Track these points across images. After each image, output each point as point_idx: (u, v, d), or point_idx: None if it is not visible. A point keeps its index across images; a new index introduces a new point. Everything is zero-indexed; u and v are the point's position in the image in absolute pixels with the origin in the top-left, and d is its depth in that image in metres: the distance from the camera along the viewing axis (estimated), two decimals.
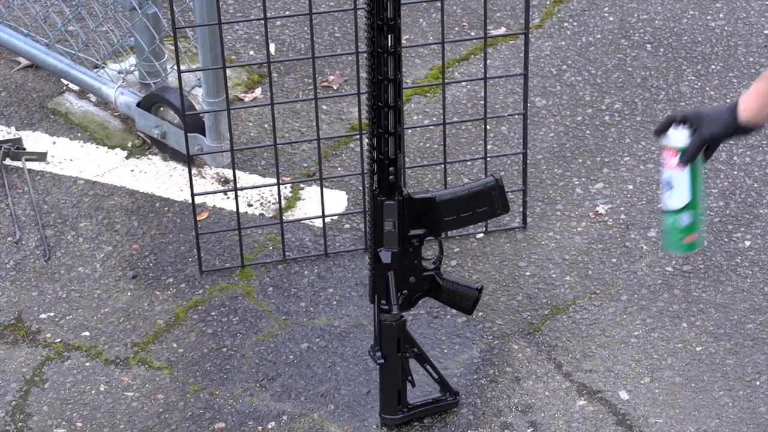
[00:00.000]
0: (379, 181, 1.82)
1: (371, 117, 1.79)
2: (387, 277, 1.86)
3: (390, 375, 1.96)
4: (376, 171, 1.82)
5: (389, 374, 1.96)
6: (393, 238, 1.84)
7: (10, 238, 2.42)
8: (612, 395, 2.08)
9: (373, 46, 1.73)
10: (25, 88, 2.82)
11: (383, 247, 1.85)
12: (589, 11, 3.09)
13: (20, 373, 2.13)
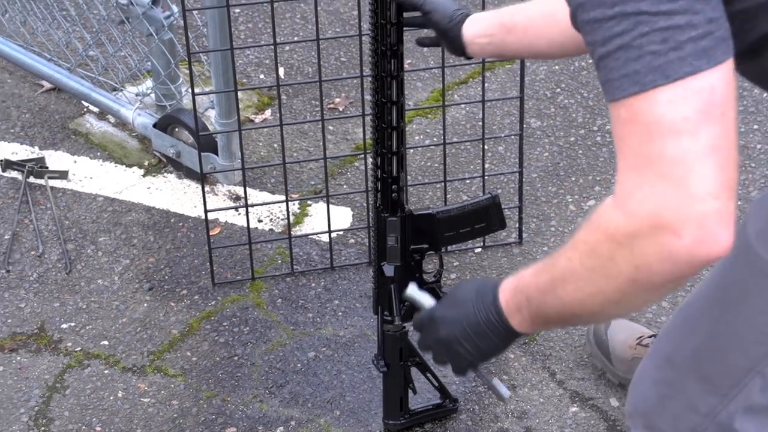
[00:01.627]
0: (383, 199, 1.83)
1: (375, 137, 1.80)
2: (390, 290, 1.85)
3: (392, 383, 1.96)
4: (380, 189, 1.82)
5: (392, 382, 1.96)
6: (395, 253, 1.84)
7: (33, 252, 2.43)
8: (603, 402, 2.09)
9: (377, 71, 1.74)
10: (48, 110, 2.84)
11: (386, 261, 1.85)
12: None
13: (43, 380, 2.14)
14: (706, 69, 0.98)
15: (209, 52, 2.44)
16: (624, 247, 1.02)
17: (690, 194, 0.97)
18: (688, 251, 0.98)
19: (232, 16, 2.80)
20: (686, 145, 0.97)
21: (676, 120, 0.98)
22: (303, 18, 3.17)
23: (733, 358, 1.33)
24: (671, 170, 0.98)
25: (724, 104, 0.99)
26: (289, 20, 3.15)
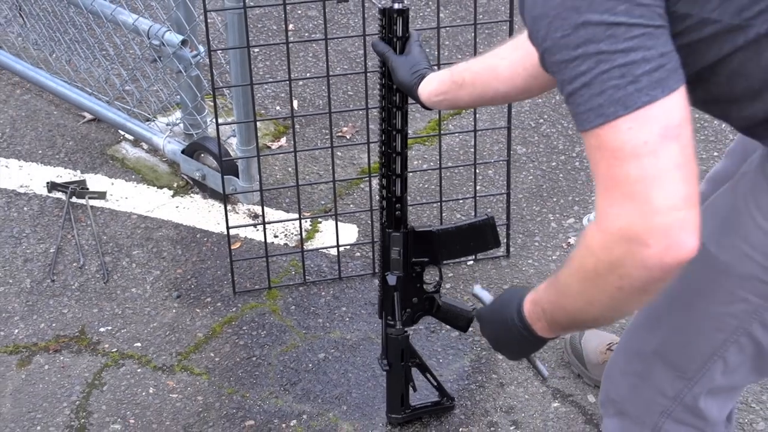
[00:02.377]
0: (388, 216, 1.83)
1: (382, 161, 1.80)
2: (393, 297, 1.86)
3: (395, 381, 1.96)
4: (385, 207, 1.83)
5: (394, 380, 1.96)
6: (398, 264, 1.85)
7: (75, 264, 2.44)
8: (581, 398, 2.08)
9: (384, 102, 1.75)
10: (89, 138, 2.85)
11: (390, 271, 1.85)
12: None
13: (83, 378, 2.14)
14: (661, 97, 1.02)
15: (231, 87, 2.45)
16: (605, 261, 1.06)
17: (654, 209, 1.01)
18: (659, 258, 1.02)
19: (252, 56, 2.81)
20: (648, 165, 1.01)
21: (638, 144, 1.01)
22: (314, 56, 3.18)
23: (696, 345, 1.34)
24: (636, 189, 1.01)
25: (679, 126, 1.03)
26: (302, 59, 3.17)
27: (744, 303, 1.26)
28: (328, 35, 2.23)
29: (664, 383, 1.41)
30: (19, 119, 2.91)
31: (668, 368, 1.39)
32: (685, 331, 1.35)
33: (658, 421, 1.45)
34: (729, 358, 1.33)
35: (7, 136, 2.85)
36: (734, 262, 1.24)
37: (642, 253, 1.02)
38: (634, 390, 1.46)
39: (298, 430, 2.03)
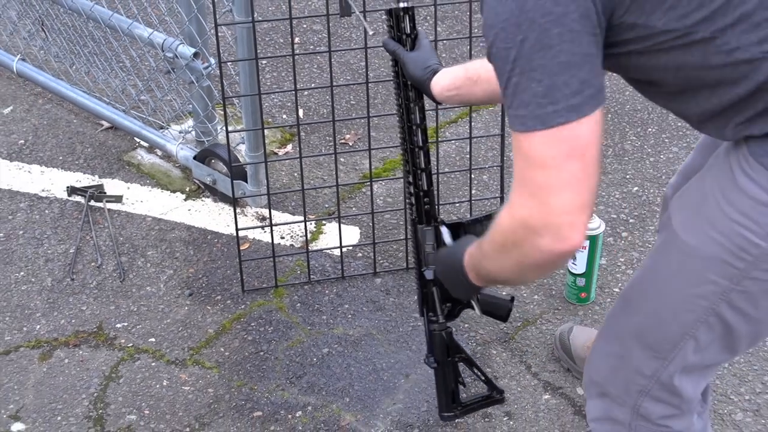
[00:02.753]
0: (417, 211, 1.75)
1: (405, 158, 1.73)
2: (432, 292, 1.73)
3: (443, 378, 1.82)
4: (414, 203, 1.75)
5: (442, 377, 1.82)
6: (433, 258, 1.72)
7: (93, 264, 2.44)
8: (571, 391, 2.08)
9: (401, 100, 1.72)
10: (107, 145, 2.85)
11: (426, 266, 1.73)
12: None
13: (101, 371, 2.14)
14: (574, 120, 1.11)
15: (241, 97, 2.46)
16: (510, 240, 1.22)
17: (550, 210, 1.14)
18: (550, 247, 1.16)
19: (260, 67, 2.82)
20: (551, 176, 1.13)
21: (547, 158, 1.13)
22: (319, 68, 3.18)
23: (670, 326, 1.37)
24: (540, 192, 1.15)
25: (586, 147, 1.13)
26: (307, 70, 3.17)
27: (712, 285, 1.28)
28: (331, 48, 2.23)
29: (641, 363, 1.42)
30: (41, 127, 2.92)
31: (645, 349, 1.41)
32: (659, 313, 1.37)
33: (637, 399, 1.46)
34: (700, 337, 1.35)
35: (30, 143, 2.85)
36: (702, 246, 1.27)
37: (537, 240, 1.16)
38: (614, 371, 1.48)
39: (303, 420, 2.03)
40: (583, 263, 2.21)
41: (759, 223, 1.21)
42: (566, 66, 1.10)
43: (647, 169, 2.74)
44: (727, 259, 1.25)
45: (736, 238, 1.23)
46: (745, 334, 1.34)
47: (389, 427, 2.01)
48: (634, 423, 1.49)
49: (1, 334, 2.23)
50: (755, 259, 1.23)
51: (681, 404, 1.46)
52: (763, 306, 1.29)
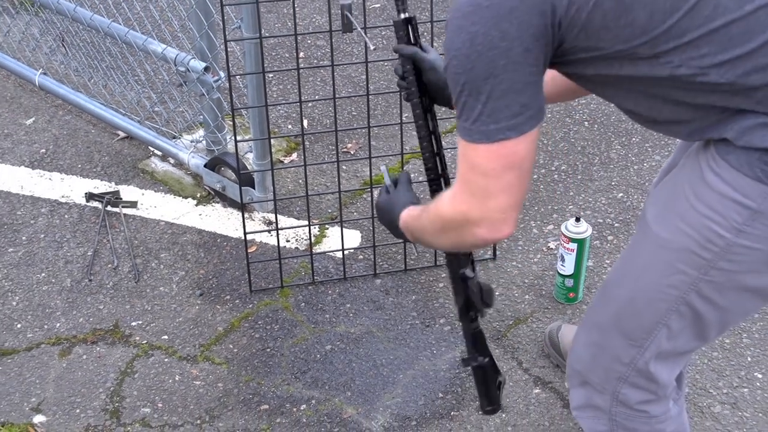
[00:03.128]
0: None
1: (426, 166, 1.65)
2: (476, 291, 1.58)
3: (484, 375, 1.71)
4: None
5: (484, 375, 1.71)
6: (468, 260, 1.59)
7: (110, 265, 2.44)
8: (559, 385, 2.08)
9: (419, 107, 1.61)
10: (123, 153, 2.86)
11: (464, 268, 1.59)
12: None
13: (117, 366, 2.15)
14: (513, 138, 1.21)
15: (248, 108, 2.46)
16: (449, 226, 1.34)
17: (487, 209, 1.26)
18: (483, 236, 1.29)
19: (266, 80, 2.82)
20: (490, 183, 1.24)
21: (487, 168, 1.23)
22: (322, 81, 3.19)
23: (645, 315, 1.38)
24: (479, 193, 1.26)
25: (522, 160, 1.23)
26: (311, 83, 3.18)
27: (682, 275, 1.30)
28: (334, 62, 2.24)
29: (619, 351, 1.44)
30: (61, 137, 2.92)
31: (622, 337, 1.42)
32: (635, 302, 1.38)
33: (616, 386, 1.47)
34: (672, 325, 1.36)
35: (51, 152, 2.86)
36: (672, 237, 1.29)
37: (475, 229, 1.29)
38: (595, 359, 1.49)
39: (307, 413, 2.03)
40: (571, 265, 2.21)
41: (725, 216, 1.23)
42: (508, 92, 1.18)
43: (631, 176, 2.74)
44: (695, 250, 1.27)
45: (704, 230, 1.25)
46: (713, 322, 1.35)
47: (388, 420, 2.01)
48: (614, 409, 1.50)
49: (24, 332, 2.23)
50: (721, 250, 1.25)
51: (657, 390, 1.47)
52: (729, 295, 1.31)
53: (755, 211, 1.21)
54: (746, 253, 1.25)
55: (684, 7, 1.15)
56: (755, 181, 1.19)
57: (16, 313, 2.29)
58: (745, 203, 1.21)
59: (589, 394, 1.52)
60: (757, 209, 1.21)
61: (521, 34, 1.15)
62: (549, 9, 1.16)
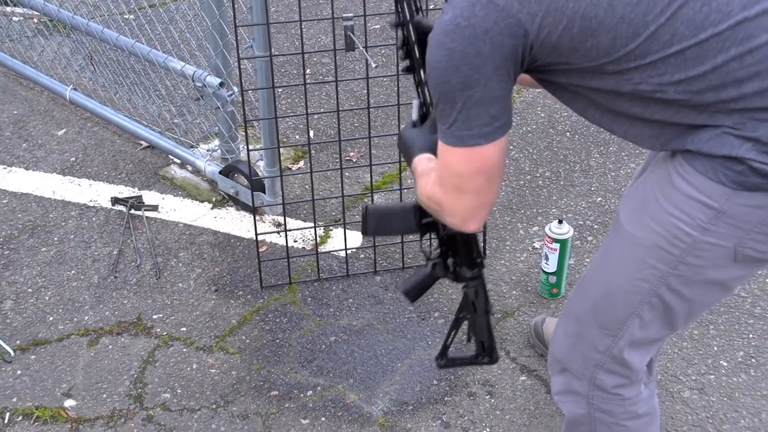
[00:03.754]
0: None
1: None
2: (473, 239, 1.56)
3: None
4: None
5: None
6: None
7: (133, 263, 2.44)
8: (544, 373, 2.08)
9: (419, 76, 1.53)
10: (145, 161, 2.85)
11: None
12: (527, 110, 3.12)
13: (140, 356, 2.14)
14: (484, 144, 1.23)
15: (259, 120, 2.46)
16: (430, 203, 1.38)
17: (458, 206, 1.31)
18: (454, 225, 1.34)
19: (276, 94, 2.82)
20: (461, 183, 1.28)
21: (460, 171, 1.27)
22: (327, 95, 3.19)
23: (619, 307, 1.39)
24: (452, 192, 1.30)
25: (492, 165, 1.26)
26: (317, 97, 3.17)
27: (653, 269, 1.31)
28: (338, 78, 2.24)
29: (595, 340, 1.44)
30: (89, 147, 2.92)
31: (598, 327, 1.43)
32: (610, 295, 1.39)
33: (593, 372, 1.48)
34: (644, 316, 1.37)
35: (80, 160, 2.86)
36: (644, 235, 1.30)
37: (446, 218, 1.35)
38: (573, 348, 1.49)
39: (313, 399, 2.03)
40: (554, 263, 2.21)
41: (691, 215, 1.24)
42: (480, 103, 1.21)
43: (609, 182, 2.74)
44: (664, 246, 1.28)
45: (672, 228, 1.26)
46: (681, 313, 1.36)
47: (387, 405, 2.01)
48: (591, 393, 1.50)
49: (55, 324, 2.23)
50: (688, 246, 1.26)
51: (630, 375, 1.47)
52: (695, 288, 1.32)
53: (718, 211, 1.22)
54: (711, 250, 1.26)
55: (644, 34, 1.17)
56: (718, 184, 1.21)
57: (48, 307, 2.28)
58: (709, 204, 1.22)
59: (568, 380, 1.52)
60: (719, 209, 1.22)
61: (494, 53, 1.17)
62: (521, 32, 1.17)
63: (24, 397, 2.02)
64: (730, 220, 1.23)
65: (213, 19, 2.43)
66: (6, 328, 2.21)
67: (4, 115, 3.07)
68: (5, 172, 2.79)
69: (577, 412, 1.54)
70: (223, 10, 2.43)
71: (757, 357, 2.12)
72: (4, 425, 1.96)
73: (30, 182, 2.75)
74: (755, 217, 1.22)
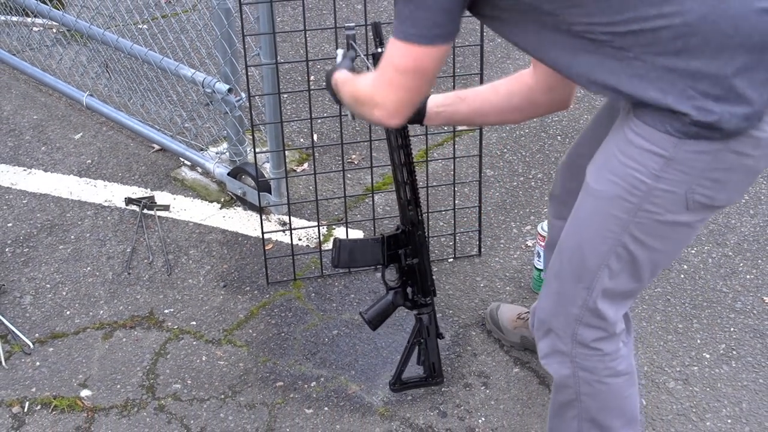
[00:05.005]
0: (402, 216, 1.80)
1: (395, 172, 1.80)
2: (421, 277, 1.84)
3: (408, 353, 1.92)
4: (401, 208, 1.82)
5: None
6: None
7: (146, 260, 2.44)
8: (536, 365, 2.07)
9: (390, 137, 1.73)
10: (157, 164, 2.85)
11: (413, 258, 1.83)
12: None
13: (152, 348, 2.14)
14: (423, 45, 1.30)
15: (266, 124, 2.46)
16: (360, 101, 1.43)
17: (386, 99, 1.36)
18: (378, 118, 1.38)
19: (282, 100, 2.82)
20: (396, 77, 1.33)
21: (399, 63, 1.32)
22: (330, 100, 3.15)
23: (589, 258, 1.42)
24: (386, 82, 1.35)
25: (425, 69, 1.32)
26: (320, 102, 3.17)
27: (616, 219, 1.36)
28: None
29: (573, 295, 1.47)
30: (104, 150, 2.92)
31: (574, 281, 1.46)
32: (581, 249, 1.43)
33: (574, 328, 1.50)
34: (612, 266, 1.41)
35: (96, 163, 2.85)
36: (605, 188, 1.36)
37: (374, 110, 1.38)
38: (555, 306, 1.51)
39: (317, 389, 2.02)
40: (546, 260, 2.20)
41: (644, 165, 1.30)
42: (430, 9, 1.27)
43: None
44: (624, 196, 1.33)
45: (629, 178, 1.32)
46: (645, 262, 1.40)
47: (387, 395, 2.00)
48: (574, 351, 1.52)
49: (72, 318, 2.23)
50: (644, 194, 1.32)
51: (607, 327, 1.49)
52: (657, 236, 1.37)
53: (668, 159, 1.28)
54: (664, 197, 1.31)
55: None
56: (666, 134, 1.27)
57: (65, 302, 2.28)
58: (659, 152, 1.28)
59: (552, 341, 1.54)
60: (669, 157, 1.28)
61: None
62: None
63: (42, 387, 2.02)
64: (678, 167, 1.28)
65: (222, 28, 2.43)
66: (25, 322, 2.21)
67: (24, 120, 3.07)
68: (25, 174, 2.79)
69: (563, 373, 1.56)
70: (232, 20, 2.43)
71: (738, 349, 2.12)
72: (24, 414, 1.95)
73: (48, 183, 2.75)
74: (701, 162, 1.28)
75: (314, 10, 3.86)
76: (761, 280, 2.35)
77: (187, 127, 2.94)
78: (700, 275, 2.37)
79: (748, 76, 1.22)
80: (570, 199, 1.63)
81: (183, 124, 2.93)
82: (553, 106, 1.59)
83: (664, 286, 2.33)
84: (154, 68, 2.76)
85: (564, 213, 1.70)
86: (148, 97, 3.06)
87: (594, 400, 1.54)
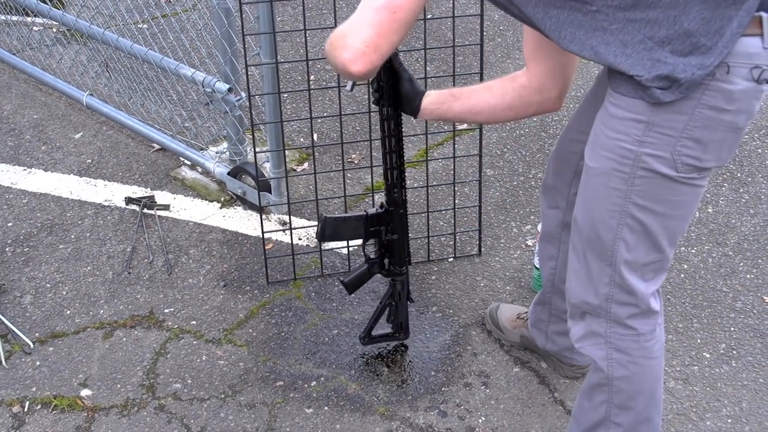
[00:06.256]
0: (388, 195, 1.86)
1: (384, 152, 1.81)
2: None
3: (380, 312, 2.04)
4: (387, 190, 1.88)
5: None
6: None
7: (146, 260, 2.44)
8: (536, 365, 2.08)
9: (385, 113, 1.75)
10: (157, 163, 2.85)
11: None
12: None
13: (152, 348, 2.14)
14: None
15: (266, 124, 2.46)
16: (334, 44, 1.38)
17: (357, 37, 1.34)
18: (343, 61, 1.36)
19: (282, 99, 2.81)
20: (368, 15, 1.34)
21: (371, 2, 1.33)
22: (330, 100, 3.18)
23: (604, 234, 1.44)
24: (358, 21, 1.35)
25: (400, 9, 1.33)
26: (320, 102, 3.17)
27: (616, 191, 1.39)
28: (340, 84, 2.23)
29: (599, 272, 1.48)
30: (104, 149, 2.92)
31: (598, 259, 1.47)
32: (594, 227, 1.45)
33: (607, 306, 1.50)
34: (626, 238, 1.43)
35: (96, 162, 2.85)
36: (600, 164, 1.40)
37: (342, 52, 1.35)
38: (585, 286, 1.52)
39: (317, 389, 2.02)
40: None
41: (627, 133, 1.34)
42: None
43: None
44: (617, 167, 1.37)
45: (617, 149, 1.36)
46: (658, 229, 1.41)
47: (387, 395, 2.00)
48: (609, 330, 1.52)
49: (72, 318, 2.23)
50: (633, 161, 1.35)
51: (638, 302, 1.49)
52: (659, 200, 1.38)
53: (648, 123, 1.32)
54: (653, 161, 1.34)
55: None
56: (640, 101, 1.31)
57: (65, 301, 2.28)
58: (639, 118, 1.32)
59: (587, 323, 1.55)
60: (648, 121, 1.32)
61: None
62: None
63: (42, 386, 2.01)
64: (659, 129, 1.31)
65: (222, 28, 2.43)
66: (26, 321, 2.20)
67: (24, 120, 3.07)
68: (25, 173, 2.79)
69: (597, 355, 1.55)
70: (232, 20, 2.42)
71: (738, 349, 2.12)
72: (24, 413, 1.95)
73: (48, 183, 2.74)
74: (679, 123, 1.30)
75: (314, 10, 3.86)
76: (761, 279, 2.35)
77: (187, 127, 2.93)
78: (700, 275, 2.37)
79: (704, 24, 1.24)
80: (563, 185, 1.70)
81: (183, 124, 2.93)
82: (545, 106, 1.59)
83: (664, 285, 2.32)
84: (154, 68, 2.76)
85: (558, 200, 1.75)
86: (148, 96, 3.05)
87: (628, 383, 1.54)
